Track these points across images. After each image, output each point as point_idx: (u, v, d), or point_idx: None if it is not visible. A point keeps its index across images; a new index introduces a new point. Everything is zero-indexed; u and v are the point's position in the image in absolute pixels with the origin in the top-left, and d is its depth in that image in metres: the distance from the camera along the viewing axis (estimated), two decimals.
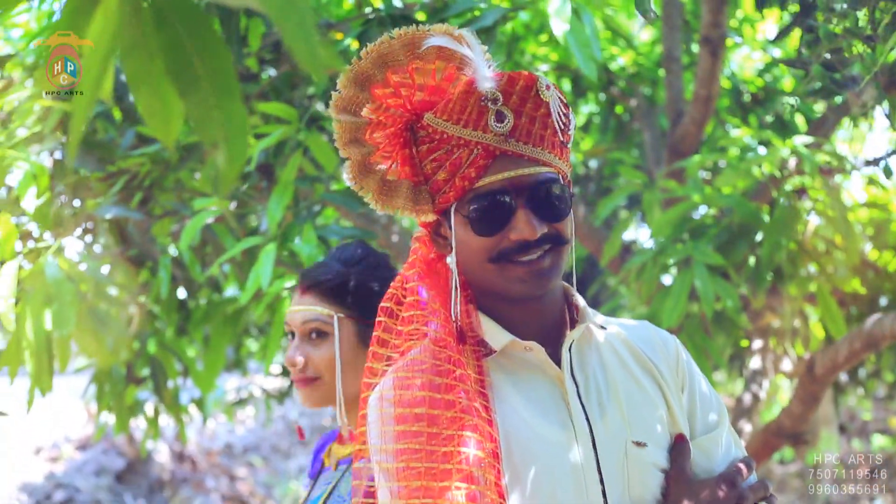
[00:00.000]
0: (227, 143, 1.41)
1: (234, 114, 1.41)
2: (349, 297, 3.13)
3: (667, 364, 2.57)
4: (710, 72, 5.25)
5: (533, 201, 2.35)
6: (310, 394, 3.12)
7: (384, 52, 2.40)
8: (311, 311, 3.11)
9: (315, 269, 3.19)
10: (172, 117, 1.43)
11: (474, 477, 2.23)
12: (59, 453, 13.05)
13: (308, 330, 3.11)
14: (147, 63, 1.39)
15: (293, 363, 3.09)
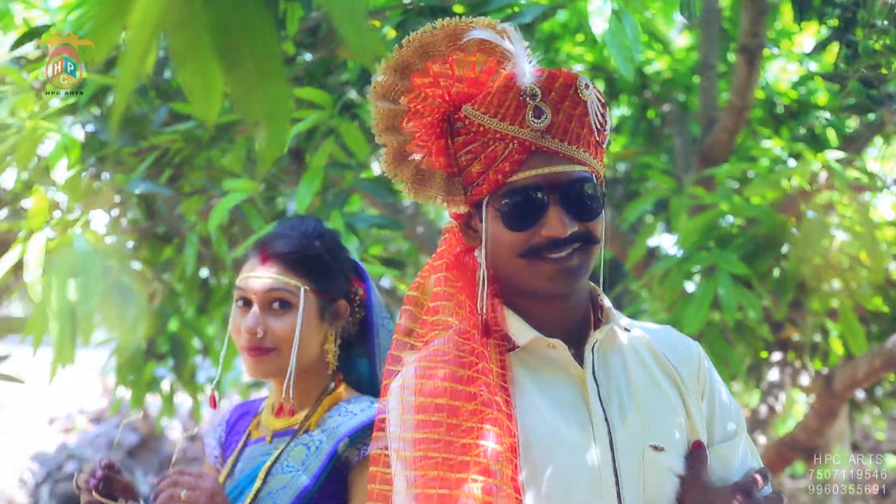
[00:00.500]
0: (268, 124, 1.41)
1: (276, 94, 1.42)
2: (314, 270, 3.09)
3: (688, 370, 2.56)
4: (746, 81, 5.23)
5: (566, 199, 2.35)
6: (262, 365, 3.04)
7: (426, 41, 2.40)
8: (277, 280, 3.04)
9: (276, 238, 3.11)
10: (214, 95, 1.43)
11: (492, 471, 2.23)
12: (72, 425, 13.09)
13: (271, 299, 3.03)
14: (194, 39, 1.39)
15: (253, 332, 3.00)
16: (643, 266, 6.05)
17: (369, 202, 5.92)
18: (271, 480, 2.99)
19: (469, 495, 2.21)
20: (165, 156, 5.12)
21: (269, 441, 3.09)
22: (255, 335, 3.00)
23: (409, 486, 2.28)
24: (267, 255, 3.07)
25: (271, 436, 3.09)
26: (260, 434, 3.15)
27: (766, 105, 6.48)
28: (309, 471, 2.98)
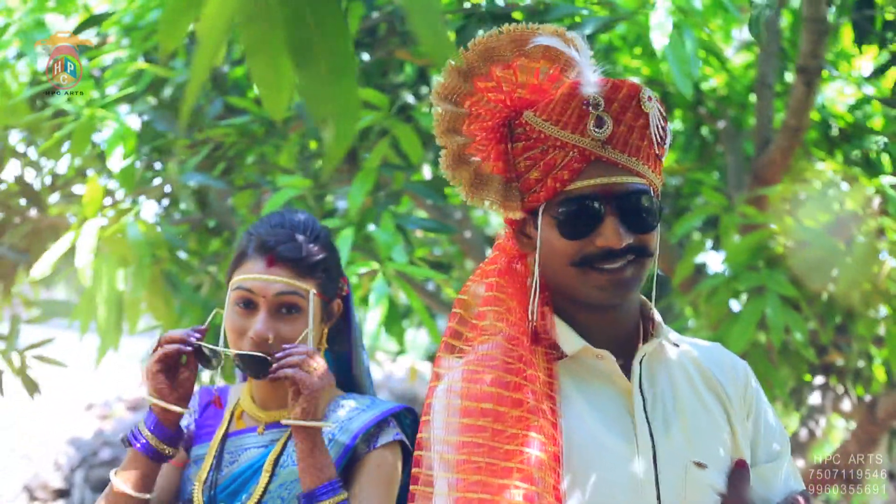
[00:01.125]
0: (337, 120, 1.41)
1: (347, 91, 1.42)
2: (319, 274, 3.05)
3: (735, 389, 2.55)
4: (803, 102, 5.19)
5: (622, 210, 2.34)
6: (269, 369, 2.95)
7: (491, 45, 2.40)
8: (288, 284, 2.98)
9: (282, 240, 3.03)
10: (284, 89, 1.44)
11: (534, 478, 2.23)
12: (109, 412, 13.16)
13: (280, 303, 2.96)
14: (267, 33, 1.40)
15: (264, 338, 2.92)
16: (690, 283, 6.03)
17: (418, 204, 5.92)
18: (281, 472, 2.97)
19: (510, 502, 2.21)
20: (219, 149, 5.15)
21: (261, 432, 3.05)
22: (266, 341, 2.93)
23: (450, 489, 2.28)
24: (275, 259, 3.00)
25: (263, 427, 3.06)
26: (245, 424, 3.10)
27: (821, 127, 6.43)
28: None
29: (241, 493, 2.96)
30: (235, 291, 2.97)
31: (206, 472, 3.01)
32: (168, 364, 2.88)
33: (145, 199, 4.97)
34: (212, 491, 2.96)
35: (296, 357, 2.86)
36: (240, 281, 2.97)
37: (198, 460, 3.06)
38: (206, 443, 3.09)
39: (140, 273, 4.37)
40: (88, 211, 4.51)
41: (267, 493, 2.95)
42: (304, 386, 2.83)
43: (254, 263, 3.00)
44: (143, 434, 2.86)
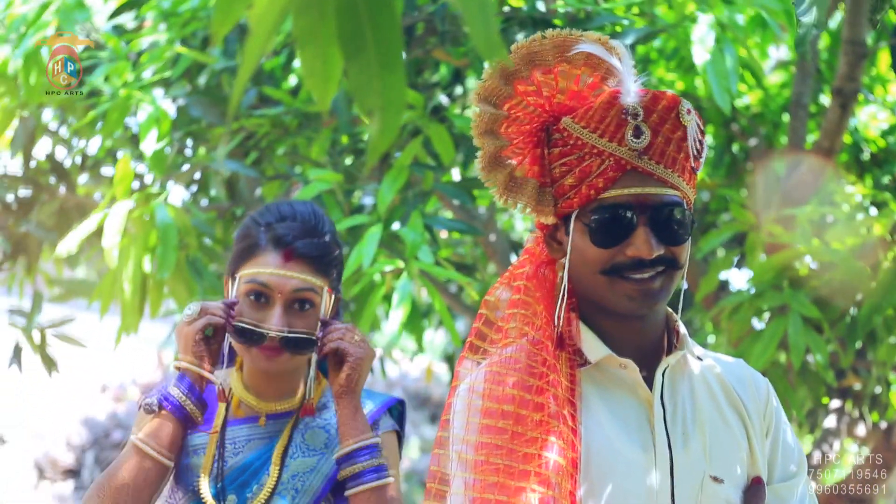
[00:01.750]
0: (382, 114, 1.42)
1: (394, 85, 1.42)
2: (332, 270, 3.05)
3: (756, 406, 2.55)
4: (837, 124, 5.18)
5: (655, 221, 2.35)
6: (277, 364, 2.97)
7: (534, 50, 2.41)
8: (305, 281, 2.96)
9: (297, 235, 3.00)
10: (332, 79, 1.44)
11: (551, 483, 2.24)
12: (124, 394, 13.23)
13: (296, 298, 2.95)
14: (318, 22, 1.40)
15: (279, 332, 2.91)
16: (712, 299, 6.02)
17: (444, 206, 5.92)
18: (292, 464, 2.98)
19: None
20: (251, 138, 5.17)
21: (262, 424, 3.04)
22: (282, 335, 2.92)
23: (467, 488, 2.29)
24: (292, 255, 2.98)
25: (264, 418, 3.05)
26: (243, 413, 3.08)
27: (853, 150, 6.42)
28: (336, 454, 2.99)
29: (252, 483, 2.96)
30: (248, 284, 2.95)
31: (211, 462, 2.99)
32: (205, 334, 2.89)
33: (174, 184, 4.98)
34: (219, 483, 2.95)
35: (341, 331, 2.90)
36: (254, 274, 2.95)
37: (197, 449, 3.02)
38: (203, 432, 3.04)
39: (166, 257, 4.38)
40: (118, 191, 4.53)
41: (280, 485, 2.95)
42: (350, 354, 2.88)
43: (269, 257, 2.97)
44: (174, 396, 2.86)
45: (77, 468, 11.41)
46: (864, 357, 5.75)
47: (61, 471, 11.30)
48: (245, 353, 2.99)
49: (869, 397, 6.12)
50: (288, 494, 2.95)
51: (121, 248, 4.48)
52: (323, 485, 2.98)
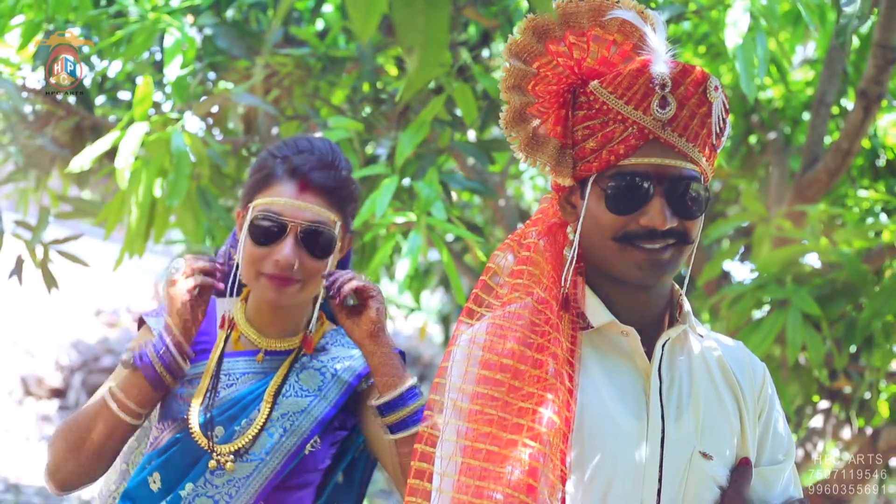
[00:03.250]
0: (423, 50, 1.42)
1: (437, 22, 1.43)
2: (346, 206, 3.03)
3: (751, 389, 2.57)
4: (858, 126, 5.18)
5: (671, 193, 2.36)
6: (285, 295, 2.93)
7: (569, 11, 2.41)
8: (320, 213, 2.94)
9: (314, 167, 2.97)
10: (375, 12, 1.44)
11: (543, 440, 2.26)
12: (117, 320, 13.25)
13: (310, 230, 2.92)
14: None
15: (290, 264, 2.88)
16: (714, 286, 6.03)
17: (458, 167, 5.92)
18: (283, 402, 2.96)
19: (516, 458, 2.23)
20: (274, 76, 5.16)
21: (260, 360, 3.02)
22: (291, 267, 2.89)
23: (458, 436, 2.31)
24: (308, 186, 2.95)
25: (263, 354, 3.03)
26: (242, 347, 3.06)
27: (870, 155, 6.42)
28: (328, 398, 3.00)
29: (241, 417, 2.94)
30: (261, 213, 2.92)
31: (203, 393, 2.96)
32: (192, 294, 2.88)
33: (191, 114, 4.97)
34: (208, 413, 2.93)
35: (351, 273, 2.88)
36: (268, 203, 2.93)
37: (192, 379, 3.00)
38: (200, 361, 3.03)
39: (178, 183, 4.38)
40: (137, 112, 4.52)
41: (269, 423, 2.94)
42: (373, 290, 2.87)
43: (284, 187, 2.94)
44: (148, 356, 2.86)
45: (63, 389, 11.44)
46: (857, 361, 5.77)
47: (47, 390, 11.33)
48: (253, 283, 2.96)
49: (858, 401, 6.14)
50: (276, 432, 2.94)
51: (133, 171, 4.47)
52: (312, 427, 2.97)
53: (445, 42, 1.43)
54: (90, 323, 12.92)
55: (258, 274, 2.93)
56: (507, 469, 2.23)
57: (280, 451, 2.94)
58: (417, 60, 1.43)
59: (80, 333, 12.39)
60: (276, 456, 2.94)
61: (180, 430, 2.96)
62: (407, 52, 1.43)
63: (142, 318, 3.13)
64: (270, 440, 2.94)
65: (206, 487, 2.90)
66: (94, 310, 13.26)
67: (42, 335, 12.02)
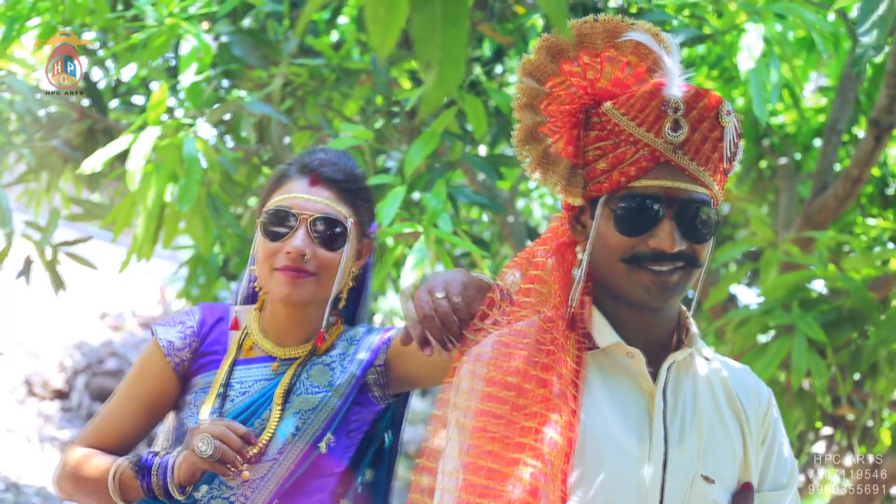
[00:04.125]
0: (441, 66, 1.42)
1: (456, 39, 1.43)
2: (358, 204, 3.03)
3: (755, 414, 2.56)
4: (869, 154, 5.19)
5: (681, 216, 2.36)
6: (300, 288, 2.92)
7: (584, 32, 2.42)
8: (329, 205, 2.95)
9: (324, 163, 2.99)
10: (394, 27, 1.45)
11: (545, 459, 2.25)
12: (121, 324, 13.26)
13: (320, 223, 2.91)
14: None
15: (301, 253, 2.87)
16: (720, 310, 6.04)
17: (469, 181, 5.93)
18: (294, 401, 2.95)
19: (518, 477, 2.23)
20: (288, 86, 5.18)
21: (275, 369, 3.00)
22: (303, 256, 2.88)
23: (461, 452, 2.31)
24: (318, 179, 2.97)
25: (278, 364, 3.01)
26: (255, 354, 3.05)
27: (879, 183, 6.43)
28: (339, 392, 2.98)
29: (252, 419, 2.94)
30: (274, 210, 2.93)
31: (213, 401, 2.96)
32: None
33: (204, 121, 4.98)
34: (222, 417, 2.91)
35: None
36: (279, 201, 2.94)
37: (206, 388, 3.00)
38: (214, 370, 3.03)
39: (189, 189, 4.39)
40: (151, 116, 4.53)
41: (281, 422, 2.93)
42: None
43: (295, 183, 2.96)
44: (148, 483, 2.84)
45: (67, 390, 11.44)
46: (861, 388, 5.77)
47: (50, 390, 11.33)
48: (268, 281, 2.95)
49: (860, 429, 6.14)
50: (288, 431, 2.93)
51: (144, 174, 4.48)
52: (324, 424, 2.96)
53: (464, 58, 1.44)
54: (95, 325, 12.92)
55: (272, 270, 2.92)
56: (509, 488, 2.22)
57: (294, 450, 2.93)
58: (435, 76, 1.43)
59: (84, 336, 12.40)
60: (289, 455, 2.93)
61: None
62: (425, 67, 1.43)
63: (152, 327, 3.12)
64: (283, 439, 2.93)
65: (221, 489, 2.89)
66: (100, 312, 13.27)
67: (47, 336, 12.02)
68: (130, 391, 3.06)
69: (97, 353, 12.04)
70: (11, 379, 11.23)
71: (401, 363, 3.03)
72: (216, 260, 6.36)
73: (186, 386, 3.06)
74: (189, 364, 3.06)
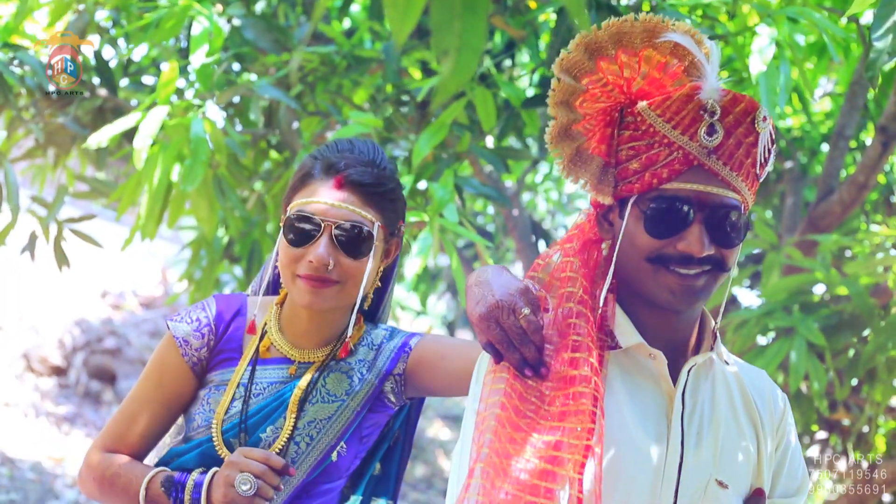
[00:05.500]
0: (457, 55, 1.42)
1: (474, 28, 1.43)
2: (385, 205, 2.93)
3: (771, 419, 2.58)
4: (876, 161, 5.20)
5: (711, 221, 2.36)
6: (322, 297, 2.85)
7: (624, 30, 2.40)
8: (354, 212, 2.84)
9: (350, 164, 2.88)
10: (412, 13, 1.44)
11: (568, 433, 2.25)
12: (122, 302, 13.26)
13: (344, 229, 2.83)
14: None
15: (325, 263, 2.80)
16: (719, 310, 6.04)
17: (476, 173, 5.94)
18: (310, 409, 2.91)
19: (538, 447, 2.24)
20: (299, 71, 5.18)
21: (292, 372, 2.96)
22: (326, 266, 2.81)
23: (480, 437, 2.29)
24: (343, 183, 2.86)
25: (296, 367, 2.97)
26: (271, 355, 2.99)
27: (884, 190, 6.44)
28: (356, 401, 2.95)
29: (265, 424, 2.91)
30: (297, 213, 2.86)
31: (229, 402, 2.93)
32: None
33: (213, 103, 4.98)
34: (243, 423, 2.90)
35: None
36: (302, 204, 2.86)
37: (220, 385, 2.96)
38: (229, 368, 2.99)
39: (194, 169, 4.38)
40: (160, 95, 4.54)
41: (296, 431, 2.91)
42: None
43: (319, 185, 2.87)
44: (185, 499, 2.82)
45: (65, 367, 11.44)
46: (858, 393, 5.78)
47: (48, 366, 11.33)
48: (290, 286, 2.90)
49: (856, 434, 6.15)
50: (302, 441, 2.91)
51: (150, 153, 4.48)
52: (339, 434, 2.94)
53: (481, 47, 1.44)
54: (96, 304, 12.92)
55: (294, 276, 2.87)
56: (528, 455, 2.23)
57: (307, 461, 2.92)
58: (452, 65, 1.43)
59: (84, 313, 12.39)
60: (302, 466, 2.92)
61: (205, 436, 2.93)
62: (442, 55, 1.43)
63: (167, 322, 3.06)
64: (297, 449, 2.91)
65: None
66: (101, 291, 13.26)
67: (47, 312, 12.02)
68: (150, 394, 3.00)
69: (97, 332, 12.04)
70: (10, 353, 11.23)
71: (421, 374, 2.99)
72: (220, 243, 6.37)
73: (202, 381, 3.02)
74: (207, 362, 3.01)
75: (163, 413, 3.00)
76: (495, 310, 2.40)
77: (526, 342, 2.37)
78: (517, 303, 2.40)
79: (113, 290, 13.40)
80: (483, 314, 2.42)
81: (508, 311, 2.39)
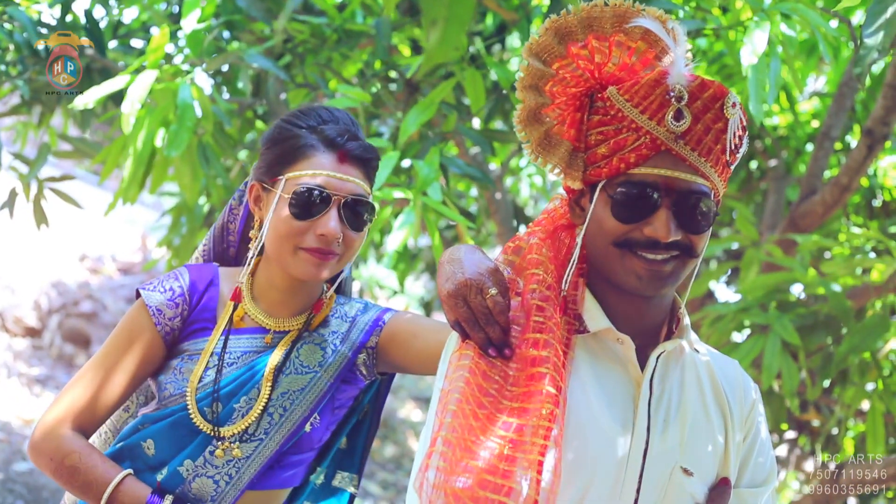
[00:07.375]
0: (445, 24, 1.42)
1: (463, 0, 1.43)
2: (372, 178, 3.01)
3: (741, 409, 2.58)
4: (860, 164, 5.21)
5: (678, 206, 2.36)
6: (323, 269, 2.88)
7: (594, 15, 2.41)
8: (361, 186, 2.90)
9: (349, 136, 2.91)
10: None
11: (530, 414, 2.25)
12: (100, 267, 13.23)
13: (350, 203, 2.87)
14: None
15: (335, 237, 2.84)
16: (697, 304, 6.06)
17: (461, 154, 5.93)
18: (283, 380, 2.91)
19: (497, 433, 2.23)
20: (289, 42, 5.16)
21: (268, 341, 2.97)
22: (337, 240, 2.86)
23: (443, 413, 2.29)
24: (346, 157, 2.90)
25: (272, 336, 2.98)
26: (245, 325, 3.00)
27: (867, 193, 6.45)
28: (329, 373, 2.96)
29: (239, 394, 2.90)
30: (303, 186, 2.85)
31: (202, 371, 2.92)
32: None
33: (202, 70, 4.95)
34: (212, 398, 2.89)
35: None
36: (310, 175, 2.86)
37: (194, 355, 2.96)
38: (203, 338, 2.99)
39: (179, 135, 4.36)
40: (150, 59, 4.51)
41: (269, 403, 2.91)
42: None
43: (323, 158, 2.88)
44: None
45: (39, 328, 11.40)
46: (829, 395, 5.80)
47: (23, 327, 11.30)
48: (289, 258, 2.89)
49: (825, 435, 6.18)
50: (276, 412, 2.91)
51: (137, 117, 4.46)
52: (312, 405, 2.95)
53: (469, 18, 1.44)
54: (74, 267, 12.88)
55: (296, 248, 2.87)
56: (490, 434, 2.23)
57: (280, 431, 2.92)
58: (439, 34, 1.43)
59: (62, 276, 12.36)
60: (276, 436, 2.92)
61: (178, 404, 2.92)
62: (430, 25, 1.43)
63: (138, 291, 3.04)
64: (270, 420, 2.91)
65: (207, 468, 2.88)
66: (79, 254, 13.23)
67: (24, 273, 11.98)
68: (118, 360, 2.96)
69: (73, 295, 12.00)
70: None
71: (393, 349, 3.01)
72: (201, 210, 6.36)
73: (172, 351, 3.01)
74: (179, 332, 3.00)
75: (130, 382, 2.97)
76: (463, 287, 2.42)
77: (491, 322, 2.38)
78: (485, 282, 2.42)
79: (91, 254, 13.37)
80: (451, 291, 2.44)
81: (476, 289, 2.41)
